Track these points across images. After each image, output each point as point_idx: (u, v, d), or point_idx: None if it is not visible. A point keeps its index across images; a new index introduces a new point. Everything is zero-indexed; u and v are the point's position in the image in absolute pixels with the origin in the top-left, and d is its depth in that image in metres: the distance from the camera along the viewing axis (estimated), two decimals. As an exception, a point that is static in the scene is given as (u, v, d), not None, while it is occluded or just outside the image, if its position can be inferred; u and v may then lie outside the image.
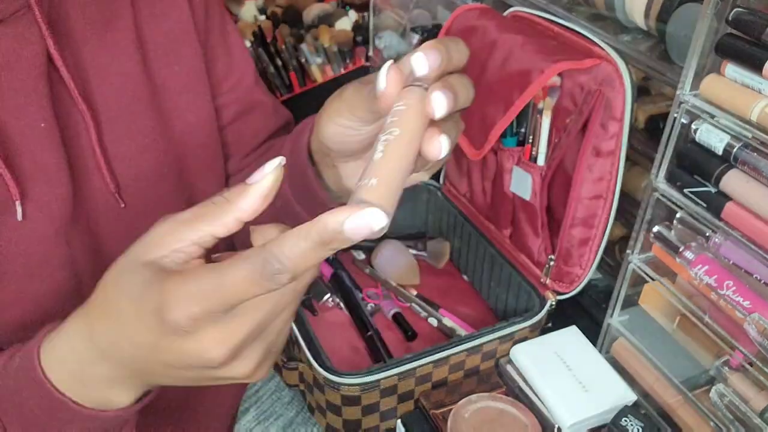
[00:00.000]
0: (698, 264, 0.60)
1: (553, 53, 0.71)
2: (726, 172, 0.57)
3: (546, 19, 0.80)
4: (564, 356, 0.70)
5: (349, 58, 1.30)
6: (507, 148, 0.80)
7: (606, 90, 0.69)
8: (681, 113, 0.60)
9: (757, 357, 0.56)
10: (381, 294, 0.91)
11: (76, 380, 0.41)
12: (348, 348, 0.82)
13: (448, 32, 0.88)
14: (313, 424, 0.77)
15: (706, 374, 0.65)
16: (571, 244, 0.76)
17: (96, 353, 0.40)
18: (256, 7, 1.35)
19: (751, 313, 0.55)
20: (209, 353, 0.36)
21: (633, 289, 0.71)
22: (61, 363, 0.41)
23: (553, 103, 0.75)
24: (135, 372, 0.40)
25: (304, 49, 1.29)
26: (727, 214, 0.58)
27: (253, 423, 0.78)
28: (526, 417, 0.64)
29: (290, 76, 1.31)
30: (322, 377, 0.67)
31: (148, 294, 0.35)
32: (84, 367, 0.40)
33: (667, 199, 0.63)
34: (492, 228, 0.90)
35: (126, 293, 0.37)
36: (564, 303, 0.79)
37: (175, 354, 0.37)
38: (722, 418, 0.61)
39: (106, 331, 0.39)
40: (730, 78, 0.56)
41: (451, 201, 0.95)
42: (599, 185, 0.72)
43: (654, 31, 0.74)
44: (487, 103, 0.77)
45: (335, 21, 1.32)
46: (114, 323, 0.38)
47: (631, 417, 0.62)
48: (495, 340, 0.73)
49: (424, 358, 0.69)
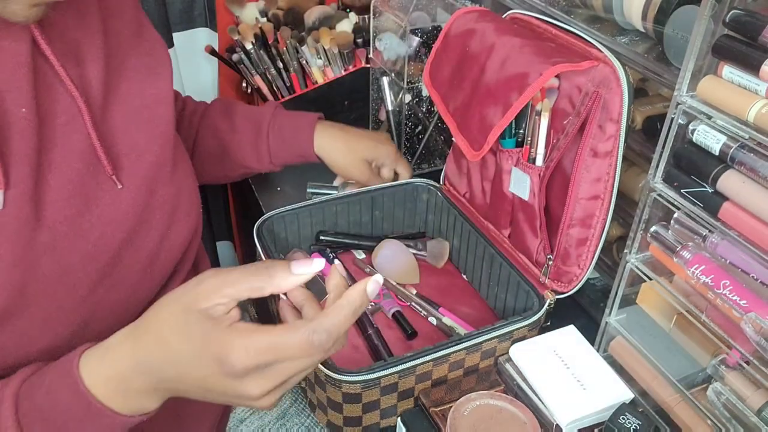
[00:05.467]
0: (695, 263, 0.60)
1: (551, 55, 0.72)
2: (723, 172, 0.57)
3: (544, 21, 0.81)
4: (562, 355, 0.71)
5: (350, 60, 1.30)
6: (506, 149, 0.81)
7: (603, 91, 0.70)
8: (678, 114, 0.60)
9: (754, 356, 0.56)
10: (381, 293, 0.91)
11: (119, 394, 0.49)
12: (349, 346, 0.83)
13: (447, 34, 0.89)
14: (306, 416, 0.78)
15: (703, 373, 0.66)
16: (570, 244, 0.77)
17: (142, 373, 0.48)
18: (257, 9, 1.36)
19: (748, 312, 0.56)
20: (249, 392, 0.46)
21: (631, 289, 0.72)
22: (105, 380, 0.48)
23: (551, 104, 0.75)
24: (174, 390, 0.49)
25: (305, 51, 1.29)
26: (724, 215, 0.58)
27: (246, 412, 0.78)
28: (525, 415, 0.65)
29: (291, 78, 1.32)
30: (323, 374, 0.67)
31: (209, 342, 0.45)
32: (128, 384, 0.48)
33: (664, 199, 0.64)
34: (491, 228, 0.90)
35: (185, 335, 0.46)
36: (562, 302, 0.79)
37: (220, 387, 0.47)
38: (719, 416, 0.62)
39: (158, 359, 0.47)
40: (727, 79, 0.56)
41: (450, 201, 0.96)
42: (597, 186, 0.73)
43: (651, 33, 0.75)
44: (485, 105, 0.77)
45: (336, 23, 1.33)
46: (168, 355, 0.47)
47: (628, 415, 0.62)
48: (494, 339, 0.73)
49: (424, 356, 0.69)
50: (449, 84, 0.87)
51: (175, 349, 0.47)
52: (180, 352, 0.47)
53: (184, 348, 0.46)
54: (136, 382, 0.49)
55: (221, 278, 0.47)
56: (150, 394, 0.49)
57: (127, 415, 0.49)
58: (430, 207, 1.01)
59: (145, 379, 0.48)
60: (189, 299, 0.47)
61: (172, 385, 0.49)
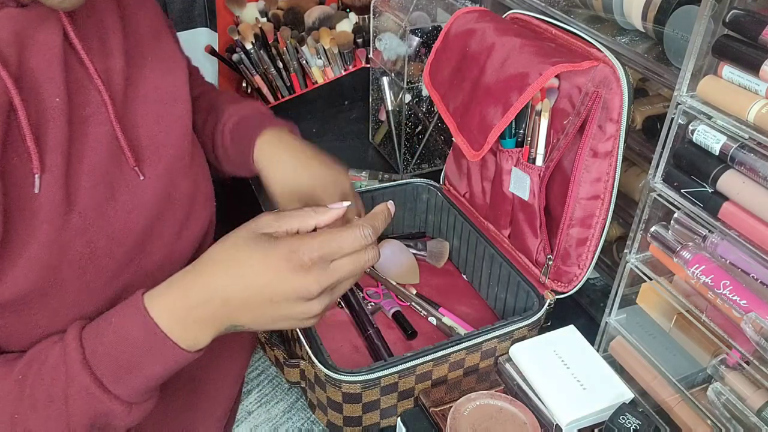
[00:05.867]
0: (695, 263, 0.60)
1: (551, 55, 0.72)
2: (723, 172, 0.57)
3: (544, 21, 0.81)
4: (562, 355, 0.71)
5: (350, 60, 1.30)
6: (506, 149, 0.81)
7: (603, 91, 0.70)
8: (678, 114, 0.60)
9: (754, 356, 0.56)
10: (381, 293, 0.91)
11: (179, 323, 0.53)
12: (349, 346, 0.83)
13: (447, 34, 0.89)
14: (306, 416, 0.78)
15: (703, 373, 0.66)
16: (570, 244, 0.77)
17: (205, 298, 0.53)
18: (257, 9, 1.36)
19: (748, 312, 0.56)
20: (310, 287, 0.52)
21: (630, 289, 0.72)
22: (169, 310, 0.53)
23: (551, 104, 0.75)
24: (230, 315, 0.53)
25: (305, 51, 1.29)
26: (724, 214, 0.58)
27: (255, 405, 0.79)
28: (525, 415, 0.65)
29: (291, 78, 1.32)
30: (323, 375, 0.67)
31: (276, 246, 0.53)
32: (189, 312, 0.53)
33: (664, 199, 0.64)
34: (491, 228, 0.90)
35: (250, 250, 0.53)
36: (562, 302, 0.79)
37: (282, 290, 0.52)
38: (719, 416, 0.62)
39: (222, 277, 0.53)
40: (727, 79, 0.56)
41: (451, 201, 0.96)
42: (597, 186, 0.73)
43: (651, 33, 0.75)
44: (486, 105, 0.77)
45: (336, 23, 1.33)
46: (233, 269, 0.53)
47: (628, 415, 0.62)
48: (494, 339, 0.73)
49: (424, 356, 0.69)
50: (449, 84, 0.87)
51: (241, 262, 0.53)
52: (245, 263, 0.53)
53: (251, 258, 0.53)
54: (198, 309, 0.53)
55: (276, 215, 0.57)
56: (207, 324, 0.53)
57: (184, 348, 0.53)
58: (430, 207, 1.01)
59: (207, 304, 0.53)
60: (249, 228, 0.55)
61: (231, 307, 0.53)
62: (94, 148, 0.57)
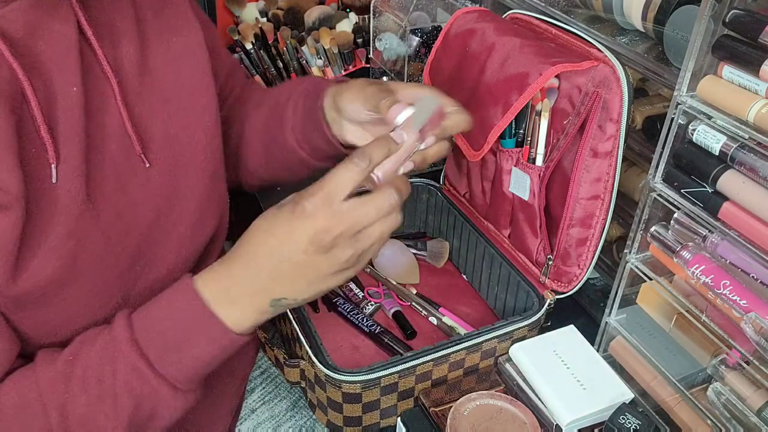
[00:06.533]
0: (695, 263, 0.60)
1: (551, 55, 0.72)
2: (723, 172, 0.58)
3: (544, 21, 0.81)
4: (562, 355, 0.71)
5: (350, 60, 1.30)
6: (506, 149, 0.81)
7: (603, 91, 0.70)
8: (678, 114, 0.60)
9: (754, 356, 0.56)
10: (382, 293, 0.91)
11: (225, 300, 0.54)
12: (349, 346, 0.83)
13: (447, 34, 0.89)
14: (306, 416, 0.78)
15: (703, 373, 0.66)
16: (570, 244, 0.77)
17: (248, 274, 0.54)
18: (257, 9, 1.36)
19: (748, 312, 0.56)
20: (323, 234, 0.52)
21: (630, 289, 0.72)
22: (216, 290, 0.55)
23: (551, 104, 0.75)
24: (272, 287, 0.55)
25: (305, 50, 1.29)
26: (724, 215, 0.58)
27: (257, 403, 0.80)
28: (525, 415, 0.65)
29: (291, 78, 1.32)
30: (323, 375, 0.67)
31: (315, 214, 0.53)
32: (233, 288, 0.54)
33: (664, 199, 0.64)
34: (491, 228, 0.90)
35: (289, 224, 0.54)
36: (562, 302, 0.79)
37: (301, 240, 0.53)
38: (719, 416, 0.62)
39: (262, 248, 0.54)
40: (727, 79, 0.56)
41: (450, 201, 0.96)
42: (597, 186, 0.73)
43: (651, 33, 0.75)
44: (486, 105, 0.77)
45: (336, 23, 1.33)
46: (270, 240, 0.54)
47: (628, 415, 0.62)
48: (494, 339, 0.73)
49: (424, 356, 0.69)
50: (449, 84, 0.87)
51: (272, 234, 0.54)
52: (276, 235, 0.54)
53: (291, 227, 0.53)
54: (240, 284, 0.54)
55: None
56: (252, 300, 0.55)
57: (229, 326, 0.54)
58: (430, 207, 1.01)
59: (250, 279, 0.54)
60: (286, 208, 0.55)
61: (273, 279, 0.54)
62: (105, 137, 0.57)
